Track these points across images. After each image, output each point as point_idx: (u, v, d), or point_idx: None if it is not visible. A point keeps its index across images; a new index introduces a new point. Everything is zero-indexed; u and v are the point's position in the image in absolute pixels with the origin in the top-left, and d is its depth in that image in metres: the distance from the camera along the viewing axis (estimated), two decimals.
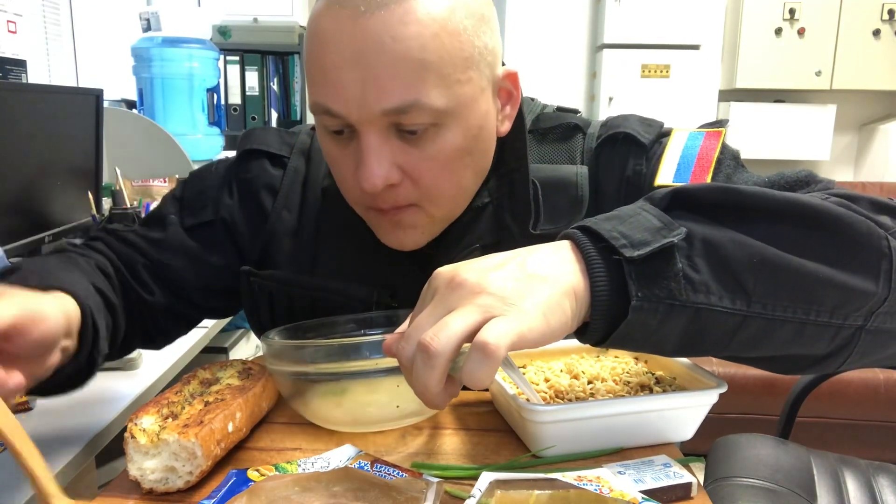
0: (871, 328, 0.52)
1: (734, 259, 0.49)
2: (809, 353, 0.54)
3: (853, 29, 3.10)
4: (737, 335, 0.51)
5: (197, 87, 2.55)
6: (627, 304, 0.48)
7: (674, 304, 0.48)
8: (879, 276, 0.51)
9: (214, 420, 0.58)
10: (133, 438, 0.56)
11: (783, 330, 0.51)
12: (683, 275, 0.49)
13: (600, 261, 0.49)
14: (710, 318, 0.50)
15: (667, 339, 0.51)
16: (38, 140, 1.64)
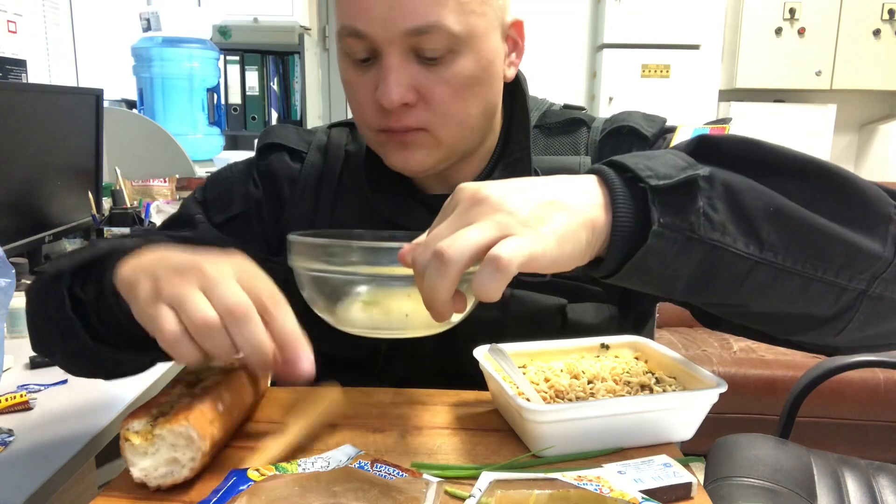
0: (874, 294, 0.54)
1: (752, 206, 0.51)
2: (813, 312, 0.55)
3: (853, 29, 3.11)
4: (746, 280, 0.52)
5: (197, 87, 2.55)
6: (646, 235, 0.49)
7: (692, 238, 0.49)
8: (887, 239, 0.53)
9: (202, 403, 0.58)
10: (127, 442, 0.56)
11: (791, 282, 0.52)
12: (703, 212, 0.50)
13: (624, 189, 0.51)
14: (724, 258, 0.50)
15: (680, 273, 0.51)
16: (38, 140, 1.64)
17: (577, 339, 0.76)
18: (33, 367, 1.12)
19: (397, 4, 0.66)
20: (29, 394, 0.96)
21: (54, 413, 0.95)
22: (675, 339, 2.61)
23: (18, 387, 1.01)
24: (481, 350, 0.72)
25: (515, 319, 0.77)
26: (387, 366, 0.81)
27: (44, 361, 1.12)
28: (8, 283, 0.90)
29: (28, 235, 1.59)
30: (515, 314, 0.77)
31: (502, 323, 0.77)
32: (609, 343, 0.77)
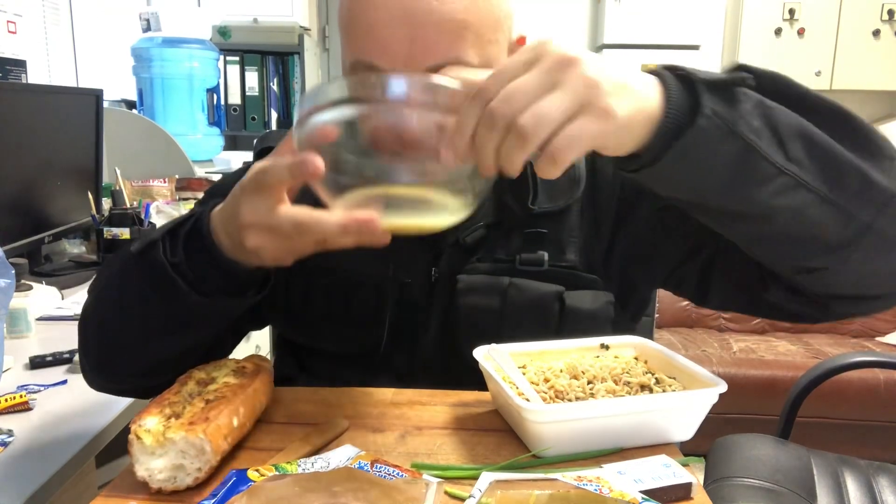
0: (877, 228, 0.58)
1: (782, 122, 0.55)
2: (823, 234, 0.58)
3: (853, 29, 3.11)
4: (770, 185, 0.56)
5: (197, 87, 2.55)
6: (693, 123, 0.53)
7: (733, 132, 0.53)
8: (892, 174, 0.58)
9: (220, 416, 0.58)
10: (138, 440, 0.56)
11: (807, 196, 0.56)
12: (741, 114, 0.54)
13: (677, 83, 0.55)
14: (755, 159, 0.54)
15: (717, 167, 0.55)
16: (38, 140, 1.64)
17: (577, 339, 0.76)
18: (33, 368, 1.12)
19: (418, 42, 0.65)
20: (29, 394, 0.96)
21: (54, 413, 0.95)
22: (675, 339, 2.61)
23: (18, 387, 1.01)
24: (481, 350, 0.72)
25: (515, 307, 0.78)
26: (388, 359, 0.81)
27: (44, 361, 1.12)
28: (8, 284, 0.90)
29: (28, 235, 1.59)
30: (515, 301, 0.78)
31: (502, 310, 0.78)
32: (609, 343, 0.77)
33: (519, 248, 0.79)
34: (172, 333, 0.69)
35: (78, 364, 1.09)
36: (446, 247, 0.80)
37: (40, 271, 1.68)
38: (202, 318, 0.68)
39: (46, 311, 1.41)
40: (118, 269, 0.72)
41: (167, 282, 0.65)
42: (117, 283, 0.72)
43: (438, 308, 0.80)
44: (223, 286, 0.66)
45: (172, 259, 0.65)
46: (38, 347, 1.19)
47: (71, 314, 1.39)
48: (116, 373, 0.75)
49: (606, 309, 0.79)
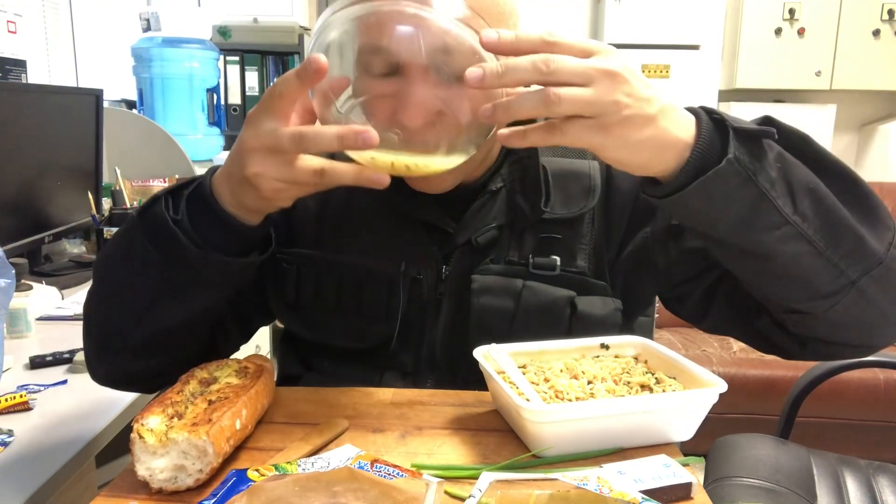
0: (860, 286, 0.64)
1: (796, 177, 0.61)
2: (813, 283, 0.64)
3: (853, 29, 3.10)
4: (775, 233, 0.61)
5: (197, 87, 2.55)
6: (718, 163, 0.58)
7: (751, 179, 0.59)
8: (885, 242, 0.64)
9: (223, 417, 0.58)
10: (140, 439, 0.56)
11: (805, 248, 0.62)
12: (764, 165, 0.59)
13: (710, 125, 0.60)
14: (766, 207, 0.60)
15: (732, 207, 0.60)
16: (38, 140, 1.64)
17: (577, 339, 0.76)
18: (33, 368, 1.12)
19: None
20: (29, 394, 0.96)
21: (54, 413, 0.95)
22: (675, 339, 2.61)
23: (18, 387, 1.01)
24: (481, 350, 0.72)
25: (527, 309, 0.79)
26: (394, 356, 0.81)
27: (44, 361, 1.12)
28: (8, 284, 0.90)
29: (28, 235, 1.59)
30: (528, 304, 0.79)
31: (515, 312, 0.79)
32: (609, 343, 0.77)
33: (531, 251, 0.80)
34: (173, 298, 0.69)
35: (78, 364, 1.10)
36: (458, 246, 0.81)
37: (40, 271, 1.68)
38: (202, 277, 0.67)
39: (46, 311, 1.41)
40: (122, 233, 0.72)
41: (167, 235, 0.65)
42: (120, 247, 0.72)
43: (448, 306, 0.81)
44: (223, 243, 0.66)
45: (174, 215, 0.66)
46: (38, 347, 1.19)
47: (71, 314, 1.39)
48: (117, 349, 0.73)
49: (615, 315, 0.81)
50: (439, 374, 0.81)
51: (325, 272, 0.81)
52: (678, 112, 0.59)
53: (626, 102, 0.54)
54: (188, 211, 0.66)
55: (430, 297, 0.81)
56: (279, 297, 0.84)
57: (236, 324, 0.85)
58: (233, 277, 0.70)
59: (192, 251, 0.64)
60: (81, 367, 1.10)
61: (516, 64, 0.54)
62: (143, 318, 0.70)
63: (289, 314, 0.84)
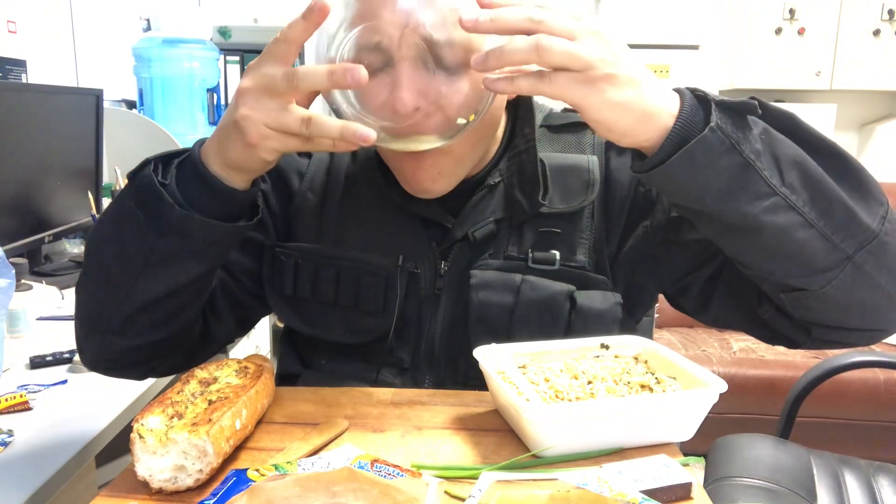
0: (857, 261, 0.63)
1: (783, 150, 0.61)
2: (807, 258, 0.64)
3: (853, 29, 3.11)
4: (764, 202, 0.61)
5: (197, 87, 2.55)
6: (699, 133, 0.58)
7: (735, 148, 0.59)
8: (877, 216, 0.64)
9: (223, 417, 0.58)
10: (140, 439, 0.56)
11: (795, 219, 0.62)
12: (747, 136, 0.60)
13: (693, 100, 0.61)
14: (752, 177, 0.60)
15: (717, 176, 0.60)
16: (38, 140, 1.64)
17: (577, 339, 0.76)
18: (33, 368, 1.12)
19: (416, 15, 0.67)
20: (29, 394, 0.96)
21: (54, 413, 0.95)
22: (675, 339, 2.61)
23: (18, 387, 1.01)
24: (481, 350, 0.72)
25: (527, 303, 0.78)
26: (392, 352, 0.82)
27: (44, 361, 1.12)
28: (8, 284, 0.90)
29: (28, 235, 1.59)
30: (527, 299, 0.78)
31: (514, 307, 0.78)
32: (609, 343, 0.77)
33: (530, 245, 0.81)
34: (157, 266, 0.68)
35: (78, 364, 1.10)
36: (456, 240, 0.81)
37: (40, 271, 1.68)
38: (185, 244, 0.67)
39: (46, 311, 1.41)
40: (113, 201, 0.74)
41: (153, 197, 0.65)
42: (110, 213, 0.73)
43: (447, 301, 0.81)
44: (208, 205, 0.66)
45: (162, 180, 0.67)
46: (38, 347, 1.19)
47: (71, 314, 1.39)
48: (106, 328, 0.73)
49: (615, 309, 0.80)
50: (438, 369, 0.81)
51: (322, 266, 0.82)
52: (661, 85, 0.60)
53: (610, 60, 0.57)
54: (177, 176, 0.67)
55: (429, 292, 0.81)
56: (277, 291, 0.84)
57: (229, 309, 0.85)
58: (218, 245, 0.70)
59: (176, 212, 0.65)
60: (81, 367, 1.10)
61: (510, 12, 0.57)
62: (129, 291, 0.70)
63: (286, 308, 0.84)
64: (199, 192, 0.66)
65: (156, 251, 0.67)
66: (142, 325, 0.72)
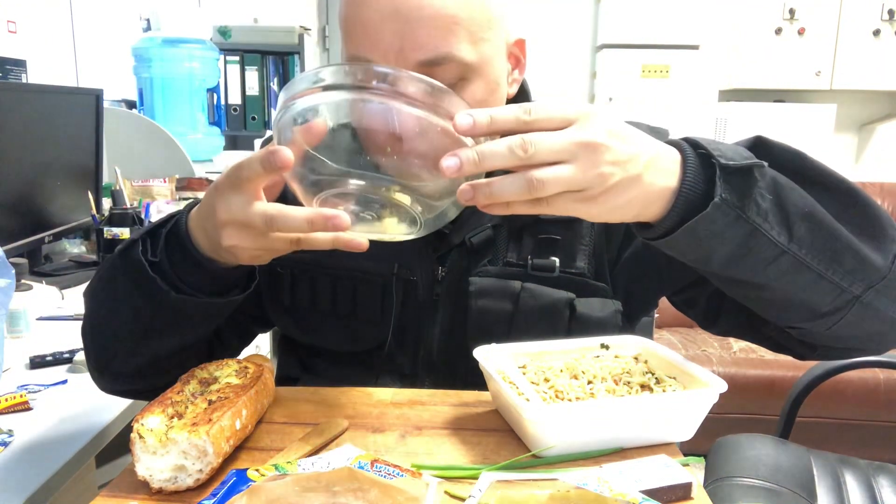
0: (864, 300, 0.63)
1: (791, 203, 0.59)
2: (814, 305, 0.63)
3: (853, 29, 3.11)
4: (771, 264, 0.60)
5: (197, 87, 2.55)
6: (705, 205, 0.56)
7: (741, 217, 0.57)
8: (889, 255, 0.62)
9: (223, 417, 0.58)
10: (140, 439, 0.56)
11: (805, 275, 0.61)
12: (754, 198, 0.57)
13: (696, 163, 0.58)
14: (759, 241, 0.58)
15: (722, 245, 0.58)
16: (38, 140, 1.64)
17: (577, 339, 0.76)
18: (33, 368, 1.12)
19: (408, 37, 0.66)
20: (29, 394, 0.96)
21: (54, 413, 0.95)
22: (675, 339, 2.61)
23: (18, 387, 1.01)
24: (481, 351, 0.72)
25: (527, 311, 0.78)
26: (392, 359, 0.81)
27: (44, 361, 1.12)
28: (8, 284, 0.90)
29: (28, 235, 1.59)
30: (526, 307, 0.78)
31: (513, 314, 0.78)
32: (609, 343, 0.77)
33: (529, 252, 0.80)
34: (161, 333, 0.70)
35: (78, 364, 1.10)
36: (452, 247, 0.80)
37: (40, 271, 1.68)
38: (186, 317, 0.69)
39: (46, 311, 1.41)
40: (107, 269, 0.73)
41: (147, 281, 0.66)
42: (105, 283, 0.73)
43: (445, 308, 0.81)
44: (203, 285, 0.67)
45: (152, 258, 0.66)
46: (38, 347, 1.19)
47: (71, 314, 1.39)
48: (116, 373, 0.76)
49: (615, 317, 0.80)
50: (437, 376, 0.81)
51: (319, 276, 0.81)
52: (662, 159, 0.57)
53: (609, 172, 0.53)
54: (166, 250, 0.66)
55: (426, 298, 0.81)
56: (275, 302, 0.84)
57: (235, 336, 0.86)
58: (217, 312, 0.71)
59: (173, 296, 0.65)
60: (81, 367, 1.10)
61: (493, 151, 0.52)
62: (136, 349, 0.72)
63: (285, 318, 0.85)
64: (192, 273, 0.66)
65: (158, 323, 0.69)
66: (153, 371, 0.74)
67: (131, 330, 0.70)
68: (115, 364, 0.75)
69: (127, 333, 0.71)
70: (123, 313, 0.70)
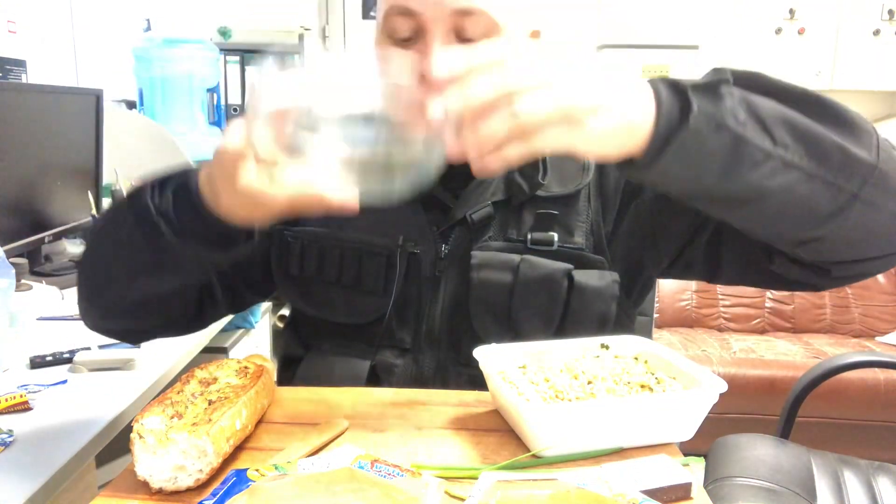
0: (863, 197, 0.62)
1: (765, 112, 0.60)
2: (814, 208, 0.63)
3: (853, 29, 3.10)
4: (760, 169, 0.60)
5: (197, 87, 2.55)
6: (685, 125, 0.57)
7: (722, 125, 0.58)
8: (871, 148, 0.63)
9: (223, 418, 0.59)
10: (140, 439, 0.56)
11: (795, 175, 0.61)
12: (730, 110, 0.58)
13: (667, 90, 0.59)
14: (745, 149, 0.59)
15: (711, 158, 0.59)
16: (38, 140, 1.64)
17: (577, 339, 0.76)
18: (33, 368, 1.12)
19: None
20: (29, 394, 0.96)
21: (54, 413, 0.95)
22: (675, 339, 2.61)
23: (18, 387, 1.01)
24: (481, 351, 0.72)
25: (526, 282, 0.80)
26: (393, 333, 0.83)
27: (44, 361, 1.12)
28: (8, 284, 0.90)
29: (28, 235, 1.59)
30: (526, 277, 0.80)
31: (514, 285, 0.80)
32: (609, 343, 0.77)
33: (529, 228, 0.82)
34: (155, 274, 0.73)
35: (78, 364, 1.10)
36: (455, 222, 0.83)
37: (40, 271, 1.68)
38: (183, 262, 0.71)
39: (46, 311, 1.41)
40: (112, 210, 0.78)
41: (150, 224, 0.68)
42: (108, 223, 0.77)
43: (447, 283, 0.83)
44: (205, 236, 0.68)
45: (159, 205, 0.68)
46: (38, 347, 1.19)
47: (71, 314, 1.39)
48: (105, 308, 0.80)
49: (612, 287, 0.82)
50: (439, 351, 0.83)
51: (327, 247, 0.84)
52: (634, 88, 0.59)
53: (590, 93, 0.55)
54: (174, 199, 0.68)
55: (429, 274, 0.83)
56: (283, 271, 0.87)
57: (226, 294, 0.88)
58: (214, 262, 0.74)
59: (174, 242, 0.68)
60: (81, 367, 1.10)
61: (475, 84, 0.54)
62: (129, 285, 0.75)
63: (291, 287, 0.87)
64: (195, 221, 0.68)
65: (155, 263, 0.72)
66: (142, 312, 0.79)
67: (128, 267, 0.73)
68: (105, 299, 0.78)
69: (123, 271, 0.74)
70: (122, 252, 0.73)
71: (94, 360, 1.11)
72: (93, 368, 1.11)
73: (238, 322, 2.02)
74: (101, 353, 1.13)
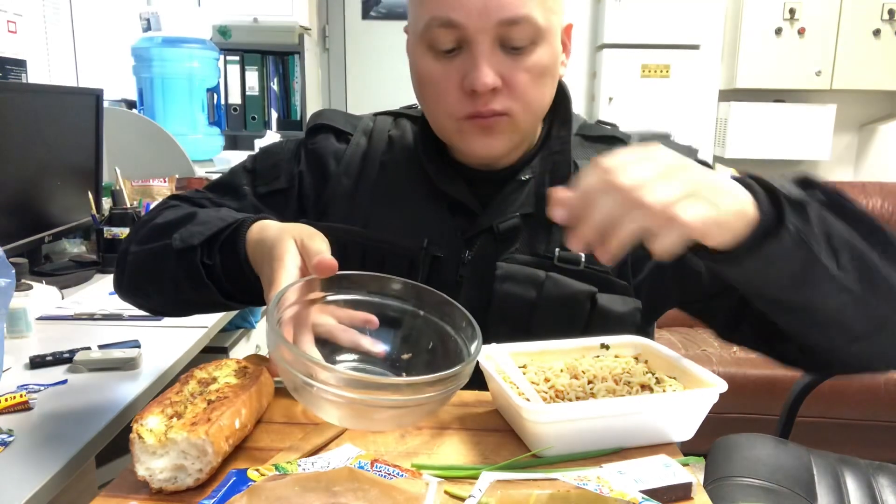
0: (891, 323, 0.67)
1: (836, 235, 0.63)
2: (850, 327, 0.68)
3: (853, 29, 3.10)
4: (821, 287, 0.63)
5: (197, 87, 2.55)
6: (776, 232, 0.59)
7: (803, 243, 0.60)
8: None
9: (222, 417, 0.58)
10: (140, 439, 0.56)
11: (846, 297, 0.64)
12: (812, 228, 0.61)
13: (764, 195, 0.60)
14: (813, 264, 0.62)
15: (786, 270, 0.62)
16: (38, 140, 1.64)
17: (578, 339, 0.76)
18: (33, 368, 1.12)
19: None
20: (29, 394, 0.96)
21: (54, 413, 0.95)
22: (675, 339, 2.60)
23: (18, 387, 1.01)
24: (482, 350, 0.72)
25: (549, 300, 0.79)
26: None
27: (44, 361, 1.12)
28: (8, 283, 0.90)
29: (28, 235, 1.59)
30: (549, 295, 0.80)
31: (536, 302, 0.79)
32: (609, 343, 0.77)
33: (558, 244, 0.81)
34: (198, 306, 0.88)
35: (78, 364, 1.10)
36: (481, 230, 0.83)
37: (40, 271, 1.68)
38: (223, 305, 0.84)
39: (46, 310, 1.41)
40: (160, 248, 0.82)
41: (201, 284, 0.78)
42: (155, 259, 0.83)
43: (467, 290, 0.82)
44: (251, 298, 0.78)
45: (210, 268, 0.77)
46: (38, 347, 1.19)
47: (71, 314, 1.39)
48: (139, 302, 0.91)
49: (634, 315, 0.81)
50: None
51: (350, 246, 0.84)
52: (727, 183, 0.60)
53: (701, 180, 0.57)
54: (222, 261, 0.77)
55: (450, 279, 0.82)
56: None
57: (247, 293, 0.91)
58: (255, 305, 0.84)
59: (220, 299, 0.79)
60: (81, 367, 1.10)
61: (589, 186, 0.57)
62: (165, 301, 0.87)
63: None
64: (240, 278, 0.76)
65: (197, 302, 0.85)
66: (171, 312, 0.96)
67: (168, 294, 0.84)
68: (141, 300, 0.90)
69: (164, 295, 0.85)
70: (168, 287, 0.83)
71: (94, 360, 1.11)
72: (92, 368, 1.11)
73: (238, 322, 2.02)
74: (101, 353, 1.13)
